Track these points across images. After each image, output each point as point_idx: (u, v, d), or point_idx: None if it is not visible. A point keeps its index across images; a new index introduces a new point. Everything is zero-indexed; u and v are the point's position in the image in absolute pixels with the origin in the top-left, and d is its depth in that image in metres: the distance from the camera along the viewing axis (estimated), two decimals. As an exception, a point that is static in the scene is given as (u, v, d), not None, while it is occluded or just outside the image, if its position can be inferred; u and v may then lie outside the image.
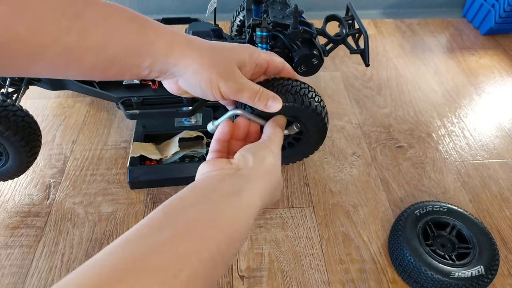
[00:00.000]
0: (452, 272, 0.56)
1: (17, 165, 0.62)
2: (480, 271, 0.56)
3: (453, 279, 0.55)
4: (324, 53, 0.64)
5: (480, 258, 0.57)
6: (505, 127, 0.88)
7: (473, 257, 0.58)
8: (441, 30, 1.23)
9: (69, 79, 0.67)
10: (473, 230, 0.61)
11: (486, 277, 0.56)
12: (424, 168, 0.78)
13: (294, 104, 0.42)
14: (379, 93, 0.96)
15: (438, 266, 0.56)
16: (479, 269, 0.56)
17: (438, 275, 0.55)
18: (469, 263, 0.57)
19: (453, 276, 0.55)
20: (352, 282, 0.59)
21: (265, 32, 0.57)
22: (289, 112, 0.42)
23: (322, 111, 0.44)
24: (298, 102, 0.42)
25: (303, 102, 0.42)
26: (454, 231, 0.62)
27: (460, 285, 0.55)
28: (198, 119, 0.78)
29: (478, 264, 0.57)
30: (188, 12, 1.26)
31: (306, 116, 0.44)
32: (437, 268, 0.56)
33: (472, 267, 0.56)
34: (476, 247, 0.59)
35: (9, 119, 0.57)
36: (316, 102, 0.44)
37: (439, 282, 0.55)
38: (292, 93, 0.42)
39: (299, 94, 0.42)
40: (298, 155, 0.51)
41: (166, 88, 0.37)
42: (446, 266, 0.56)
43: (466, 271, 0.56)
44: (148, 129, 0.76)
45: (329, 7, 1.30)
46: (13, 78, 0.67)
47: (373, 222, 0.68)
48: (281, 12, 0.63)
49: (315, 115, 0.44)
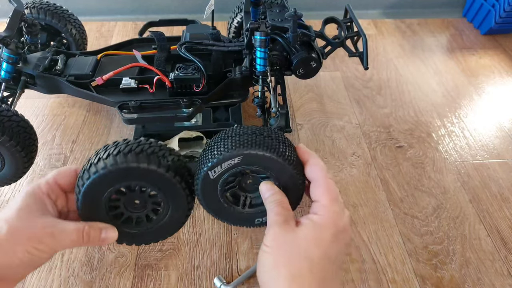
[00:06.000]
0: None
1: (13, 170, 0.62)
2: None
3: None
4: (323, 56, 0.64)
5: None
6: (505, 127, 0.88)
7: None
8: (441, 30, 1.23)
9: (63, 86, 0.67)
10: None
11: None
12: (424, 168, 0.78)
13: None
14: (379, 93, 0.96)
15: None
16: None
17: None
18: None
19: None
20: (352, 282, 0.59)
21: (263, 36, 0.57)
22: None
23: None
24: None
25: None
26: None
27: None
28: (198, 119, 0.78)
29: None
30: (187, 13, 1.26)
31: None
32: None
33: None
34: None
35: (4, 124, 0.57)
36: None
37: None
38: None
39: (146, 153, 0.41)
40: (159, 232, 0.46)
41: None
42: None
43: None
44: (147, 129, 0.76)
45: (329, 7, 1.30)
46: (8, 82, 0.66)
47: (373, 222, 0.68)
48: (280, 15, 0.63)
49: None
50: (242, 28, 0.85)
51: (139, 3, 1.25)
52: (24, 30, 0.74)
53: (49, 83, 0.68)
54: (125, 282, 0.58)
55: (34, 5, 0.79)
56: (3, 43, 0.64)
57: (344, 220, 0.37)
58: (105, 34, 1.17)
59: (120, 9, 1.25)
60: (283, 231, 0.36)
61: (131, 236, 0.46)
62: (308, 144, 0.82)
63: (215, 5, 0.72)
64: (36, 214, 0.36)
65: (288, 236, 0.36)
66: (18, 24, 0.68)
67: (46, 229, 0.35)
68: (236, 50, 0.67)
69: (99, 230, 0.37)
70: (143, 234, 0.47)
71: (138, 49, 0.70)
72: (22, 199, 0.37)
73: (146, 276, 0.58)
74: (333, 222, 0.36)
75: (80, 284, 0.58)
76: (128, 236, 0.46)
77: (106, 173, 0.39)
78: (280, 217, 0.38)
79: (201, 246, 0.62)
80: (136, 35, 0.92)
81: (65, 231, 0.35)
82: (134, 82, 0.66)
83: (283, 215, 0.38)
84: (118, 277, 0.58)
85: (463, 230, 0.67)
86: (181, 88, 0.64)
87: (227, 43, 0.68)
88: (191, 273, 0.59)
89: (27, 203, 0.37)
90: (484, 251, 0.64)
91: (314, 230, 0.36)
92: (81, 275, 0.59)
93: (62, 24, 0.81)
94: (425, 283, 0.60)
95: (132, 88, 0.66)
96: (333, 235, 0.36)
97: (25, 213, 0.36)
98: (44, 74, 0.67)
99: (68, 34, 0.83)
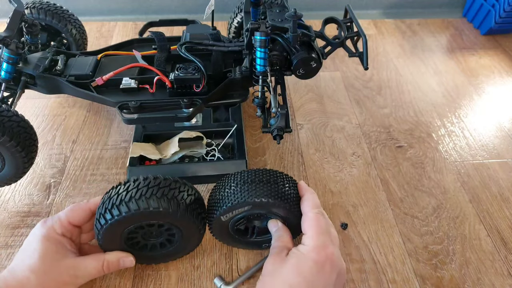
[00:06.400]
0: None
1: (13, 171, 0.62)
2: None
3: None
4: (323, 56, 0.64)
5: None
6: (505, 127, 0.88)
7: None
8: (441, 30, 1.23)
9: (63, 86, 0.67)
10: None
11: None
12: (424, 168, 0.78)
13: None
14: (379, 93, 0.96)
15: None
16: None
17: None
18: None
19: None
20: (352, 282, 0.59)
21: (263, 36, 0.57)
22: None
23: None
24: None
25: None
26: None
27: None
28: (198, 119, 0.78)
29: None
30: (187, 13, 1.26)
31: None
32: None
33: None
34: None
35: (4, 124, 0.57)
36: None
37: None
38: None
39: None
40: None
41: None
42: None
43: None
44: (147, 129, 0.76)
45: (329, 7, 1.30)
46: (8, 82, 0.66)
47: (373, 222, 0.68)
48: (280, 15, 0.63)
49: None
50: (242, 28, 0.85)
51: (139, 3, 1.25)
52: (24, 30, 0.74)
53: (49, 83, 0.68)
54: (126, 282, 0.58)
55: (34, 5, 0.79)
56: (3, 43, 0.64)
57: (328, 252, 0.40)
58: (105, 34, 1.17)
59: (120, 9, 1.26)
60: (273, 261, 0.42)
61: (146, 257, 0.52)
62: (308, 144, 0.82)
63: (215, 5, 0.72)
64: (57, 257, 0.38)
65: (276, 265, 0.41)
66: (18, 24, 0.68)
67: (70, 271, 0.38)
68: (236, 50, 0.67)
69: (117, 260, 0.40)
70: (157, 256, 0.53)
71: (138, 49, 0.70)
72: (41, 245, 0.39)
73: (146, 276, 0.58)
74: (316, 253, 0.39)
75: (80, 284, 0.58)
76: (143, 258, 0.52)
77: (128, 216, 0.42)
78: (275, 249, 0.43)
79: (201, 246, 0.62)
80: (136, 35, 0.92)
81: (87, 269, 0.38)
82: (134, 82, 0.66)
83: (278, 247, 0.43)
84: (119, 277, 0.58)
85: (463, 230, 0.67)
86: (181, 88, 0.64)
87: (227, 43, 0.68)
88: (191, 273, 0.59)
89: (47, 249, 0.39)
90: (484, 251, 0.64)
91: (297, 259, 0.40)
92: (81, 275, 0.59)
93: (62, 24, 0.81)
94: (425, 283, 0.60)
95: (132, 88, 0.66)
96: (316, 264, 0.39)
97: (48, 259, 0.38)
98: (44, 74, 0.67)
99: (68, 34, 0.83)
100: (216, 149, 0.74)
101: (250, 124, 0.86)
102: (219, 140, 0.76)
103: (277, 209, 0.45)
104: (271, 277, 0.40)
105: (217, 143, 0.75)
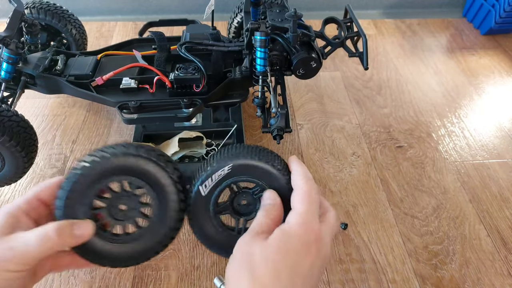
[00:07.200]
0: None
1: (13, 171, 0.62)
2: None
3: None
4: (323, 56, 0.64)
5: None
6: (505, 127, 0.88)
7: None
8: (441, 30, 1.23)
9: (63, 86, 0.67)
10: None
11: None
12: (424, 168, 0.78)
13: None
14: (379, 93, 0.96)
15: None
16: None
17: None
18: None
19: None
20: (352, 282, 0.59)
21: (263, 36, 0.57)
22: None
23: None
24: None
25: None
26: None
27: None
28: (198, 119, 0.78)
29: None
30: (187, 13, 1.26)
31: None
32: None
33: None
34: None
35: (4, 124, 0.57)
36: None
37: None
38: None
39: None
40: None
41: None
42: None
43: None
44: (147, 129, 0.76)
45: (329, 7, 1.30)
46: (8, 82, 0.66)
47: (373, 222, 0.68)
48: (280, 15, 0.63)
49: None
50: (242, 28, 0.85)
51: (139, 3, 1.25)
52: (24, 30, 0.74)
53: (49, 83, 0.68)
54: (125, 282, 0.58)
55: (34, 5, 0.79)
56: (3, 43, 0.63)
57: (317, 231, 0.34)
58: (105, 34, 1.17)
59: (120, 9, 1.25)
60: (252, 240, 0.34)
61: (104, 255, 0.39)
62: (308, 144, 0.82)
63: (215, 5, 0.72)
64: (2, 230, 0.32)
65: (255, 246, 0.33)
66: (18, 24, 0.68)
67: (3, 244, 0.31)
68: (236, 50, 0.67)
69: (70, 224, 0.32)
70: (117, 254, 0.40)
71: (138, 49, 0.70)
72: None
73: (146, 276, 0.58)
74: (304, 231, 0.34)
75: (80, 284, 0.58)
76: (101, 255, 0.39)
77: (93, 167, 0.36)
78: (259, 227, 0.35)
79: (201, 246, 0.62)
80: (136, 35, 0.92)
81: (23, 238, 0.31)
82: (134, 82, 0.66)
83: (262, 226, 0.36)
84: (118, 277, 0.58)
85: (463, 230, 0.67)
86: (181, 88, 0.64)
87: (227, 43, 0.68)
88: (191, 273, 0.59)
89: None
90: (484, 251, 0.64)
91: (281, 239, 0.33)
92: (81, 275, 0.59)
93: (62, 24, 0.81)
94: (425, 283, 0.60)
95: (132, 88, 0.66)
96: (303, 244, 0.33)
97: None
98: (44, 74, 0.67)
99: (68, 34, 0.83)
100: (216, 149, 0.74)
101: (250, 124, 0.86)
102: (219, 140, 0.76)
103: (261, 176, 0.39)
104: (246, 256, 0.33)
105: (217, 143, 0.75)
